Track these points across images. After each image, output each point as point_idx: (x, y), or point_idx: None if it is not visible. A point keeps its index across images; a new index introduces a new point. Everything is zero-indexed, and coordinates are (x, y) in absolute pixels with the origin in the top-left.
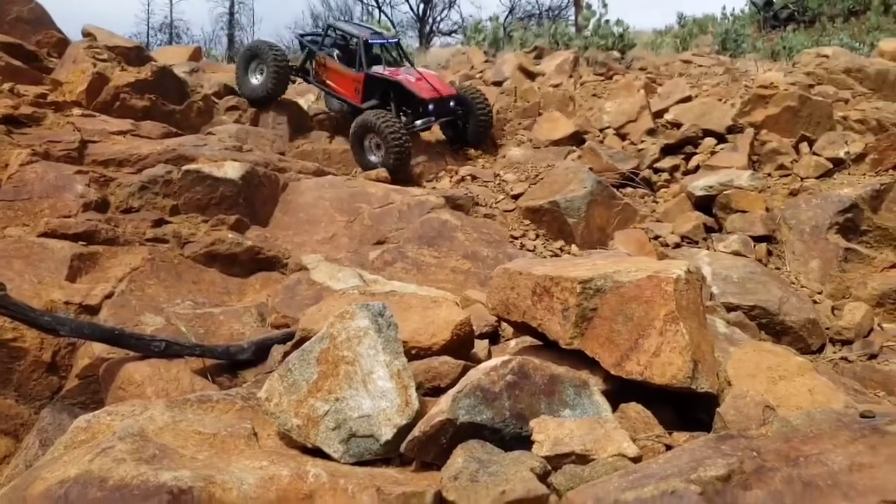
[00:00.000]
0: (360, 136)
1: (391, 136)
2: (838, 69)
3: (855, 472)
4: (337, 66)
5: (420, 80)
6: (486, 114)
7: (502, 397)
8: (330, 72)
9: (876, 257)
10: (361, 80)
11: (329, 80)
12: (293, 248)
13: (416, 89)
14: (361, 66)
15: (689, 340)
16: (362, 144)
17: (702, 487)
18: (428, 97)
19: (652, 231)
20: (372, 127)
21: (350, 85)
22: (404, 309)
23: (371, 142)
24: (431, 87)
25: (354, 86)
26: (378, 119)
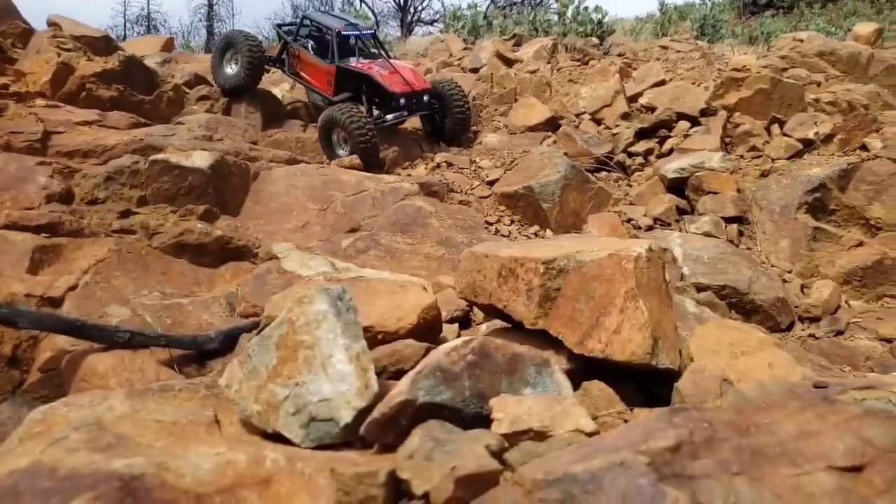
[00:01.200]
0: (327, 130)
1: (356, 131)
2: (811, 53)
3: (803, 440)
4: (310, 57)
5: (393, 73)
6: (463, 109)
7: (462, 377)
8: (304, 63)
9: (843, 236)
10: (333, 72)
11: (303, 72)
12: (264, 237)
13: (387, 83)
14: (334, 58)
15: (649, 317)
16: (330, 139)
17: (650, 458)
18: (399, 91)
19: (625, 214)
20: (336, 122)
21: (323, 77)
22: (371, 294)
23: (338, 136)
24: (403, 81)
25: (327, 78)
26: (342, 114)
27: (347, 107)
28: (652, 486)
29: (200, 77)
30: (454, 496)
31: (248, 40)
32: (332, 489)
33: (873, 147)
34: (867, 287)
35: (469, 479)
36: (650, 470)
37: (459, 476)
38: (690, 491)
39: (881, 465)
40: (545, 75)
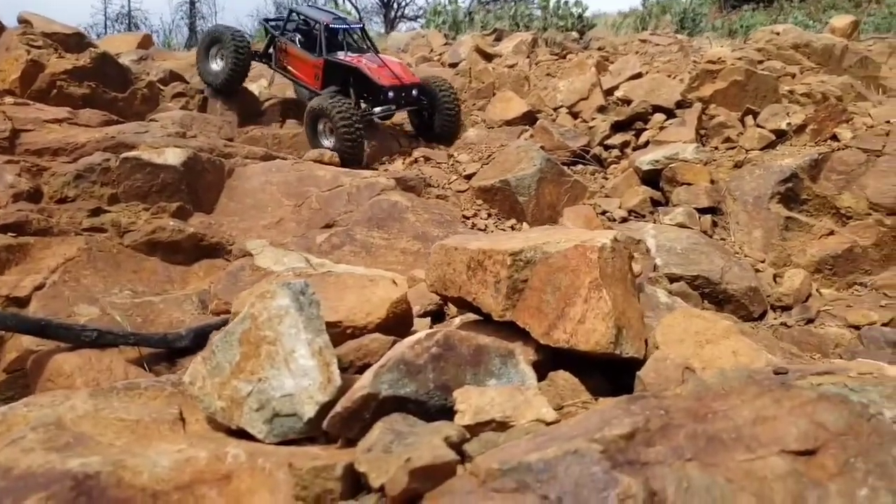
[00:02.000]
0: (313, 120)
1: (342, 121)
2: (787, 45)
3: (759, 425)
4: (298, 51)
5: (382, 67)
6: (453, 106)
7: (426, 370)
8: (291, 57)
9: (815, 225)
10: (321, 65)
11: (290, 66)
12: (238, 234)
13: (375, 76)
14: (321, 52)
15: (613, 307)
16: (315, 129)
17: (604, 446)
18: (387, 84)
19: (600, 206)
20: (324, 111)
21: (310, 70)
22: (341, 289)
23: (325, 126)
24: (392, 75)
25: (314, 71)
26: (330, 103)
27: (337, 97)
28: (605, 474)
29: (176, 74)
30: (409, 488)
31: (234, 36)
32: (290, 484)
33: (843, 137)
34: (838, 275)
35: (424, 470)
36: (604, 457)
37: (414, 468)
38: (643, 477)
39: (834, 449)
40: (523, 69)
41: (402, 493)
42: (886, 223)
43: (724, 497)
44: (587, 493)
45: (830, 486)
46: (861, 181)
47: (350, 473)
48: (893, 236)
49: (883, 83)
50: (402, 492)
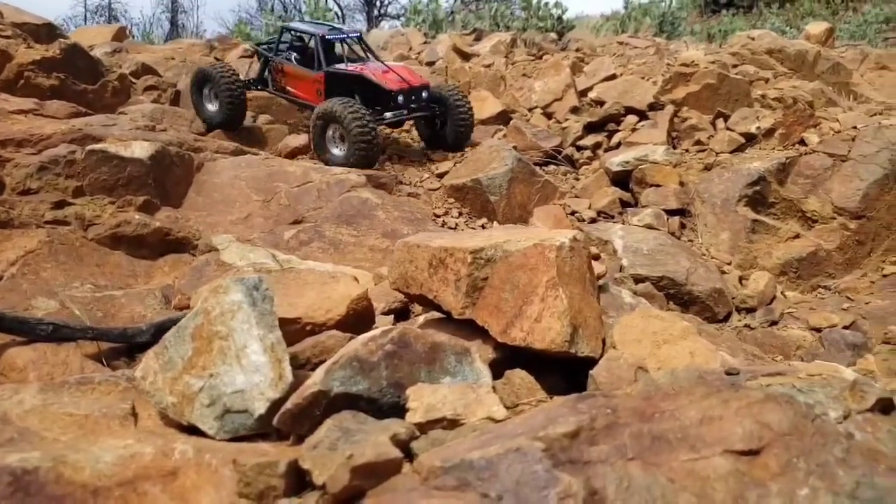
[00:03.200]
0: (322, 126)
1: (356, 125)
2: (761, 50)
3: (705, 425)
4: (295, 69)
5: (386, 72)
6: (466, 114)
7: (380, 367)
8: (289, 77)
9: (781, 228)
10: (321, 79)
11: (289, 87)
12: (205, 229)
13: (382, 81)
14: (321, 65)
15: (569, 306)
16: (324, 136)
17: (547, 444)
18: (395, 88)
19: (570, 207)
20: (335, 115)
21: (310, 87)
22: (301, 285)
23: (335, 133)
24: (399, 78)
25: (315, 87)
26: (342, 106)
27: (349, 100)
28: (546, 472)
29: (148, 67)
30: (350, 485)
31: (223, 73)
32: (235, 480)
33: (811, 142)
34: (802, 278)
35: (367, 468)
36: (546, 456)
37: (356, 465)
38: (585, 476)
39: (777, 449)
40: (500, 69)
41: (344, 490)
42: (850, 227)
43: (665, 496)
44: (528, 491)
45: (772, 486)
46: (827, 185)
47: (294, 470)
48: (857, 240)
49: (854, 89)
50: (343, 489)
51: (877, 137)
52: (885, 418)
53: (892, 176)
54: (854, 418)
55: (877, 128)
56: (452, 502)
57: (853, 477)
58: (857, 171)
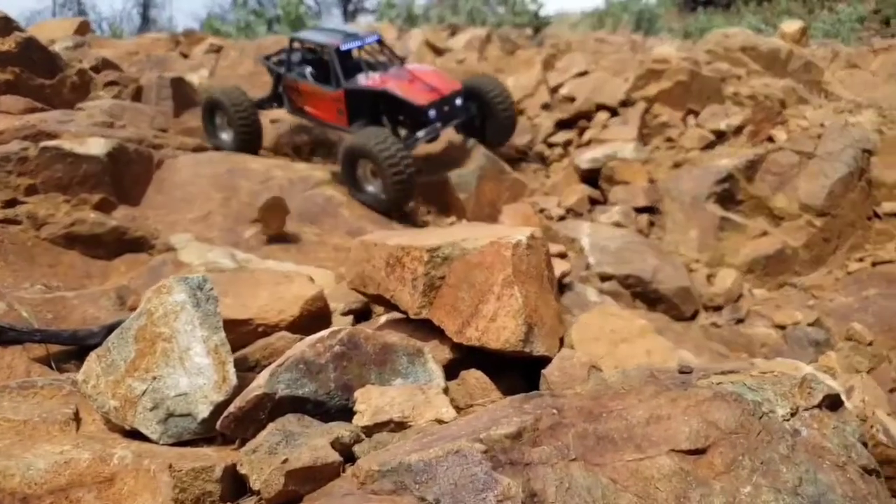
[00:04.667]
0: (350, 162)
1: (389, 161)
2: (735, 47)
3: (652, 425)
4: (311, 86)
5: (412, 81)
6: (507, 108)
7: (328, 369)
8: (306, 96)
9: (749, 226)
10: (342, 97)
11: (307, 107)
12: (164, 227)
13: (409, 95)
14: (339, 81)
15: (524, 304)
16: (354, 173)
17: (487, 446)
18: (426, 102)
19: (538, 204)
20: (365, 152)
21: (331, 106)
22: (254, 285)
23: (366, 169)
24: (428, 88)
25: (335, 106)
26: (373, 143)
27: (378, 132)
28: (486, 475)
29: (110, 62)
30: (285, 490)
31: (233, 100)
32: (170, 486)
33: (779, 139)
34: (769, 276)
35: (303, 472)
36: (485, 458)
37: (292, 469)
38: (525, 478)
39: (723, 447)
40: (472, 65)
41: (278, 495)
42: (816, 224)
43: (606, 497)
44: (466, 494)
45: (715, 485)
46: (794, 183)
47: (232, 475)
48: (823, 238)
49: (826, 87)
50: (277, 494)
51: (842, 135)
52: (832, 415)
53: (856, 173)
54: (801, 415)
55: (842, 126)
56: None
57: (796, 474)
58: (823, 168)
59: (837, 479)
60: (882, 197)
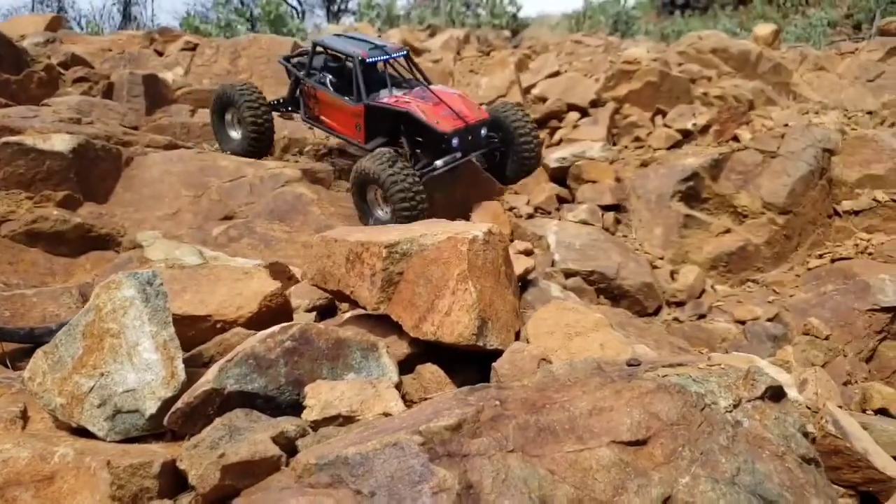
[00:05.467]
0: (361, 187)
1: (397, 188)
2: (706, 49)
3: (594, 416)
4: (330, 96)
5: (438, 105)
6: (531, 142)
7: (278, 364)
8: (323, 105)
9: (712, 223)
10: (362, 112)
11: (323, 116)
12: (131, 225)
13: (433, 120)
14: (360, 95)
15: (478, 298)
16: (365, 197)
17: (426, 438)
18: (449, 130)
19: (508, 203)
20: (373, 178)
21: (349, 120)
22: (213, 282)
23: (375, 194)
24: (453, 114)
25: (354, 121)
26: (381, 169)
27: (386, 157)
28: (422, 467)
29: (79, 58)
30: (221, 484)
31: (247, 98)
32: (108, 482)
33: (743, 138)
34: (732, 272)
35: (241, 466)
36: (423, 450)
37: (228, 464)
38: (461, 470)
39: (664, 438)
40: (448, 65)
41: (214, 490)
42: (778, 222)
43: (542, 488)
44: (402, 486)
45: (654, 476)
46: (757, 181)
47: (172, 471)
48: (785, 235)
49: (794, 89)
50: (213, 489)
51: (804, 135)
52: (774, 406)
53: (817, 172)
54: (744, 406)
55: (805, 126)
56: (323, 500)
57: (735, 464)
58: (785, 167)
59: (775, 469)
60: (843, 196)
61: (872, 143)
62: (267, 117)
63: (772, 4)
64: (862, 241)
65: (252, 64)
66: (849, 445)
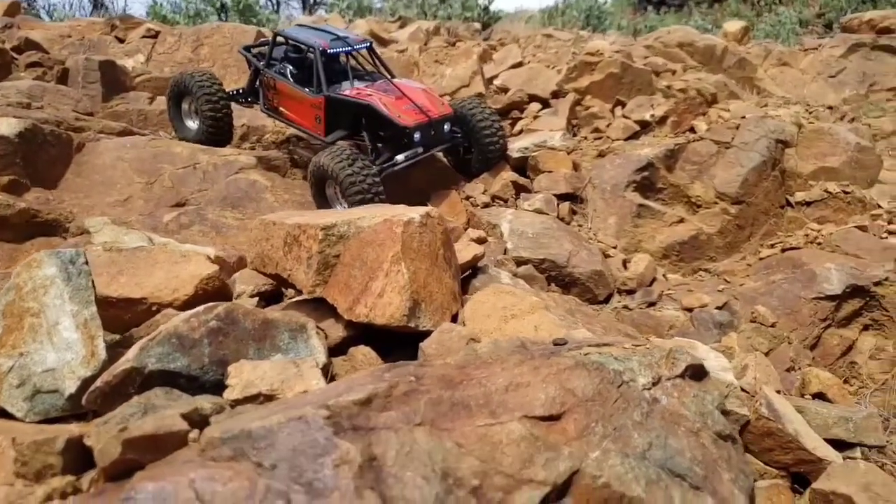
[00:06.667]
0: (318, 182)
1: (356, 193)
2: (673, 43)
3: (510, 392)
4: (290, 87)
5: (400, 98)
6: (495, 136)
7: (202, 344)
8: (283, 96)
9: (666, 213)
10: (322, 104)
11: (283, 107)
12: (80, 211)
13: (394, 114)
14: (321, 87)
15: (410, 280)
16: (324, 192)
17: (332, 412)
18: (412, 124)
19: (465, 192)
20: (329, 174)
21: (309, 112)
22: (151, 265)
23: (335, 191)
24: (416, 109)
25: (314, 113)
26: (338, 165)
27: (346, 154)
28: (326, 440)
29: (33, 42)
30: (122, 459)
31: (205, 89)
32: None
33: (699, 129)
34: (684, 261)
35: (144, 440)
36: (328, 424)
37: (130, 438)
38: (366, 442)
39: (577, 414)
40: (413, 56)
41: (114, 464)
42: (731, 212)
43: (447, 461)
44: (304, 459)
45: (564, 450)
46: (711, 171)
47: (79, 448)
48: (737, 224)
49: (758, 84)
50: (113, 463)
51: (758, 126)
52: (694, 384)
53: (769, 163)
54: (663, 384)
55: (759, 117)
56: (224, 472)
57: (647, 439)
58: (739, 157)
59: (689, 444)
60: (797, 187)
61: (828, 136)
62: (225, 109)
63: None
64: (812, 231)
65: (215, 53)
66: (781, 427)
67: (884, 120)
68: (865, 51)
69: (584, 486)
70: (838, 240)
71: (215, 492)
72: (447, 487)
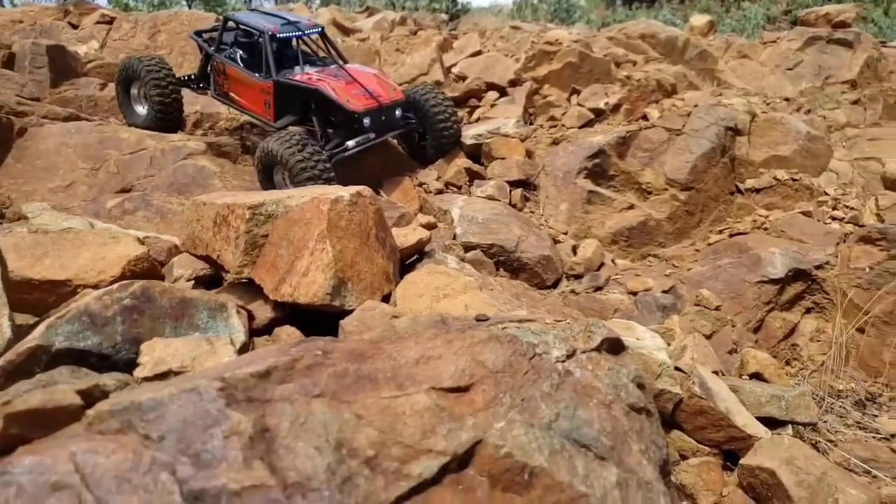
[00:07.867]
0: (266, 169)
1: (301, 174)
2: (635, 35)
3: (421, 365)
4: (238, 72)
5: (350, 83)
6: (448, 120)
7: (115, 322)
8: (233, 81)
9: (616, 199)
10: (271, 89)
11: (232, 93)
12: (19, 196)
13: (343, 99)
14: (270, 71)
15: (334, 258)
16: (271, 177)
17: (225, 384)
18: (361, 109)
19: (419, 178)
20: (277, 158)
21: (258, 97)
22: (78, 246)
23: (283, 177)
24: (366, 94)
25: (263, 98)
26: (288, 150)
27: (295, 140)
28: (218, 412)
29: None
30: (6, 433)
31: (154, 74)
32: None
33: (652, 117)
34: (633, 246)
35: (29, 415)
36: (221, 395)
37: (13, 412)
38: (260, 414)
39: (486, 385)
40: (375, 44)
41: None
42: (680, 198)
43: (342, 432)
44: (193, 431)
45: (468, 420)
46: (661, 158)
47: None
48: (686, 211)
49: (718, 76)
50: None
51: (708, 113)
52: (610, 357)
53: (718, 150)
54: (578, 357)
55: (710, 105)
56: (109, 445)
57: (554, 410)
58: (689, 144)
59: (599, 416)
60: (749, 175)
61: (780, 125)
62: (175, 94)
63: None
64: (760, 217)
65: (172, 40)
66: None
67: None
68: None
69: (487, 456)
70: (783, 225)
71: (97, 464)
72: (339, 458)
